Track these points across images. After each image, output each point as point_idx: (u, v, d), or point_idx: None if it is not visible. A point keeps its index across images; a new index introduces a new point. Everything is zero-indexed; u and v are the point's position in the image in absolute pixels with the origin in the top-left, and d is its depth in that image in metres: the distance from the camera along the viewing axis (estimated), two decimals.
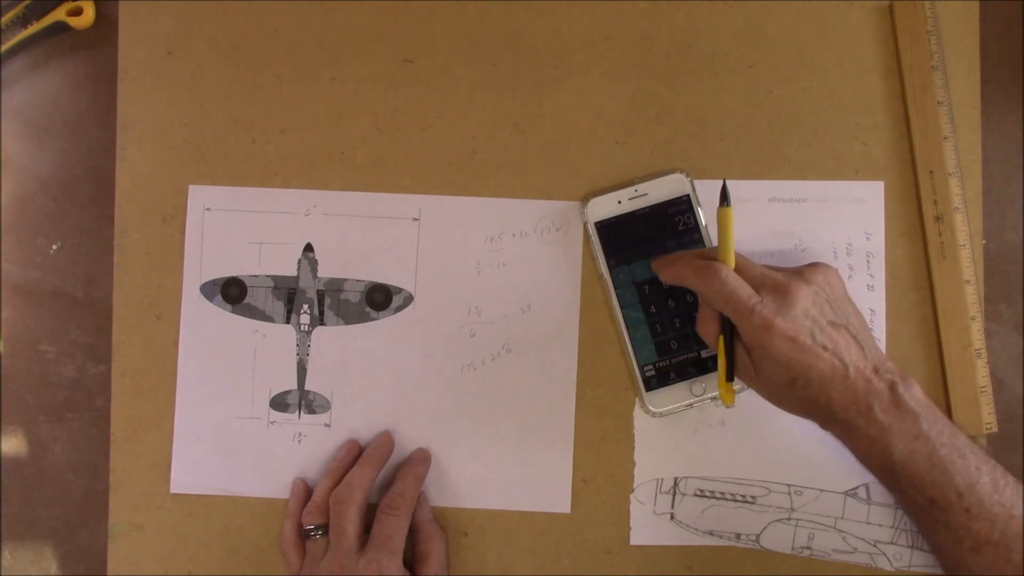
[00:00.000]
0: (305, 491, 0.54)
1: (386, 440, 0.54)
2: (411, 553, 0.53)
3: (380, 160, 0.56)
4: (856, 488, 0.54)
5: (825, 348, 0.46)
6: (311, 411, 0.55)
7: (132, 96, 0.56)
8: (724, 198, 0.50)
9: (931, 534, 0.47)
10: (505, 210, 0.56)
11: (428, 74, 0.56)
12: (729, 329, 0.48)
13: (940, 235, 0.55)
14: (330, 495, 0.52)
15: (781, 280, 0.47)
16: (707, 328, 0.50)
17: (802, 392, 0.46)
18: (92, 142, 0.57)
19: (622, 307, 0.54)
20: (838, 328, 0.47)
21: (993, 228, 0.56)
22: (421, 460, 0.54)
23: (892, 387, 0.46)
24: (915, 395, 0.46)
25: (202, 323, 0.55)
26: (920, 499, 0.46)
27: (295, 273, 0.56)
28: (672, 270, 0.51)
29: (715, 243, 0.54)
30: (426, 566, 0.52)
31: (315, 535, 0.52)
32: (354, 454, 0.54)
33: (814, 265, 0.49)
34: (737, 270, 0.48)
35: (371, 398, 0.55)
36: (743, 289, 0.47)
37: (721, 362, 0.49)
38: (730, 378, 0.49)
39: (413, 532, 0.53)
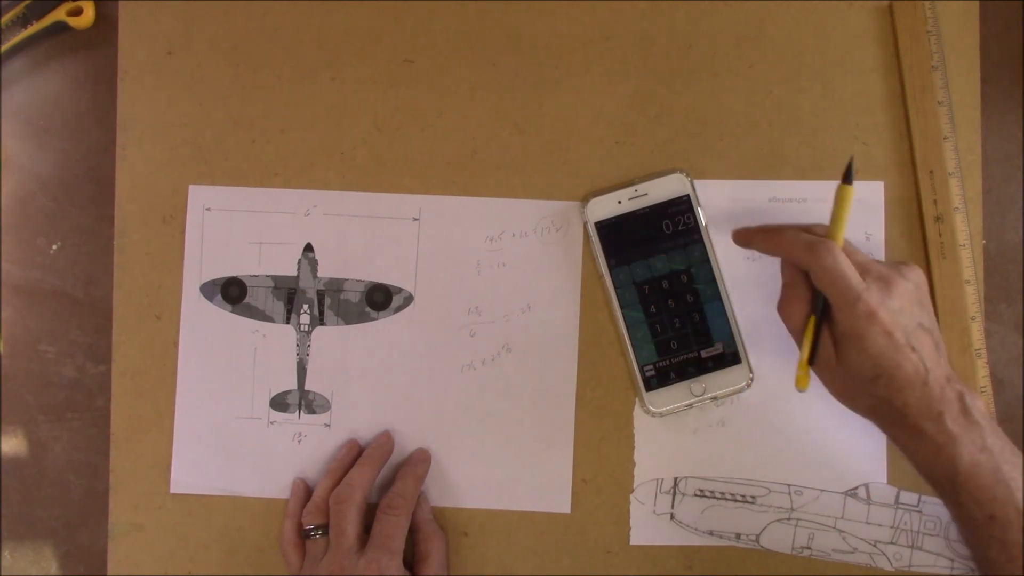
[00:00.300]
0: (305, 491, 0.54)
1: (386, 440, 0.54)
2: (411, 553, 0.53)
3: (380, 160, 0.56)
4: (856, 488, 0.54)
5: (914, 349, 0.46)
6: (311, 411, 0.55)
7: (132, 96, 0.56)
8: (848, 176, 0.48)
9: (983, 549, 0.46)
10: (505, 210, 0.56)
11: (428, 74, 0.56)
12: (821, 312, 0.47)
13: (940, 235, 0.55)
14: (330, 495, 0.52)
15: (885, 272, 0.47)
16: (793, 308, 0.48)
17: (882, 391, 0.46)
18: (92, 142, 0.57)
19: (622, 307, 0.54)
20: (926, 331, 0.47)
21: (993, 228, 0.56)
22: (421, 460, 0.54)
23: (961, 397, 0.46)
24: (980, 408, 0.46)
25: (202, 323, 0.55)
26: (979, 513, 0.45)
27: (295, 273, 0.56)
28: (775, 241, 0.49)
29: (715, 244, 0.54)
30: (426, 566, 0.52)
31: (315, 535, 0.52)
32: (354, 454, 0.54)
33: (908, 264, 0.49)
34: (843, 251, 0.47)
35: (371, 398, 0.55)
36: (853, 273, 0.46)
37: (807, 343, 0.48)
38: (813, 361, 0.48)
39: (413, 532, 0.53)
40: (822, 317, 0.48)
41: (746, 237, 0.51)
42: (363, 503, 0.51)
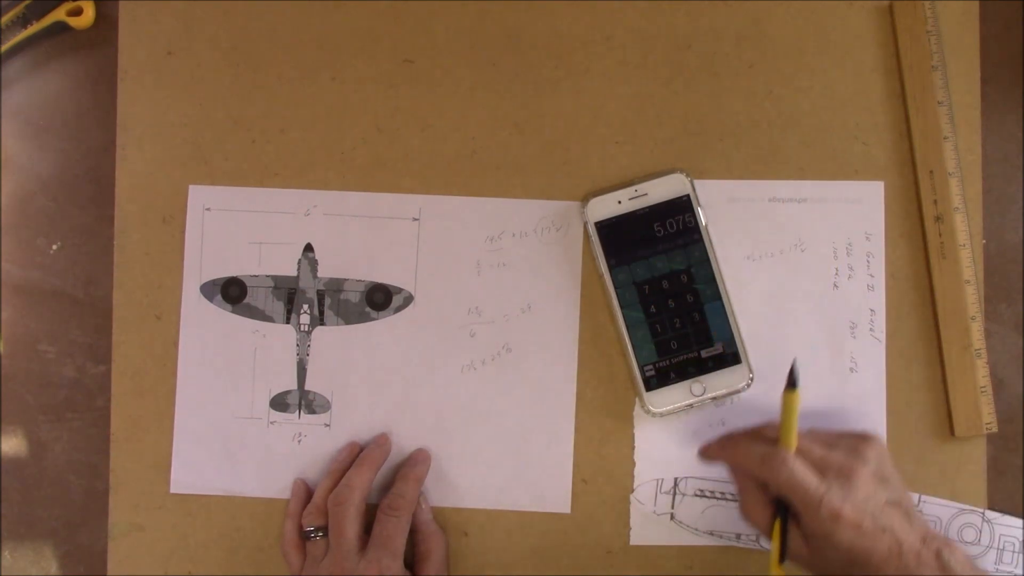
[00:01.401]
0: (306, 492, 0.54)
1: (384, 441, 0.54)
2: (411, 554, 0.53)
3: (380, 160, 0.56)
4: None
5: (884, 530, 0.46)
6: (311, 411, 0.55)
7: (132, 96, 0.56)
8: (792, 381, 0.48)
9: None
10: (505, 210, 0.56)
11: (428, 74, 0.56)
12: (784, 512, 0.48)
13: (940, 235, 0.55)
14: (329, 496, 0.52)
15: (843, 463, 0.47)
16: (758, 513, 0.48)
17: (859, 572, 0.46)
18: (92, 142, 0.57)
19: (622, 307, 0.54)
20: (893, 506, 0.47)
21: (993, 228, 0.56)
22: (421, 460, 0.54)
23: (938, 555, 0.46)
24: (958, 558, 0.46)
25: (202, 323, 0.55)
26: None
27: (295, 273, 0.56)
28: (728, 455, 0.50)
29: (715, 245, 0.54)
30: (426, 566, 0.52)
31: (315, 536, 0.52)
32: (354, 456, 0.54)
33: (866, 439, 0.49)
34: (797, 453, 0.48)
35: (371, 398, 0.55)
36: (810, 478, 0.46)
37: (776, 546, 0.47)
38: (783, 560, 0.48)
39: (413, 532, 0.53)
40: (786, 518, 0.48)
41: (707, 454, 0.52)
42: (362, 504, 0.51)
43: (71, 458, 0.56)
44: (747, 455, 0.49)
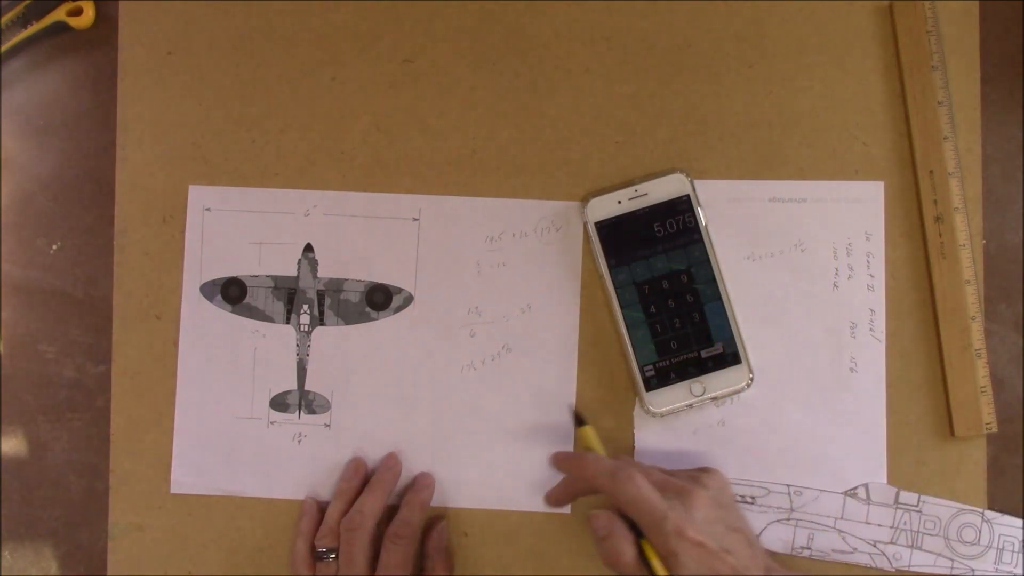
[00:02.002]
0: (317, 510, 0.54)
1: (392, 463, 0.54)
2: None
3: (380, 160, 0.56)
4: (856, 488, 0.54)
5: (728, 551, 0.47)
6: (311, 411, 0.55)
7: (132, 96, 0.56)
8: (579, 421, 0.52)
9: None
10: (505, 210, 0.56)
11: (428, 74, 0.56)
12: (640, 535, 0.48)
13: (940, 235, 0.55)
14: (342, 519, 0.52)
15: (683, 485, 0.49)
16: (624, 549, 0.48)
17: None
18: (92, 142, 0.57)
19: (622, 307, 0.54)
20: (735, 532, 0.48)
21: (993, 228, 0.56)
22: (424, 487, 0.54)
23: None
24: None
25: (202, 323, 0.56)
26: None
27: (295, 273, 0.56)
28: (579, 471, 0.51)
29: (715, 245, 0.54)
30: None
31: (328, 558, 0.52)
32: (361, 474, 0.54)
33: (706, 470, 0.51)
34: (640, 474, 0.48)
35: (371, 398, 0.55)
36: (656, 495, 0.48)
37: (656, 563, 0.47)
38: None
39: (424, 558, 0.53)
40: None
41: (558, 463, 0.52)
42: (373, 529, 0.52)
43: (71, 458, 0.56)
44: (596, 469, 0.49)
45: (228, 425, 0.55)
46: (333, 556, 0.52)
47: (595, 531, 0.49)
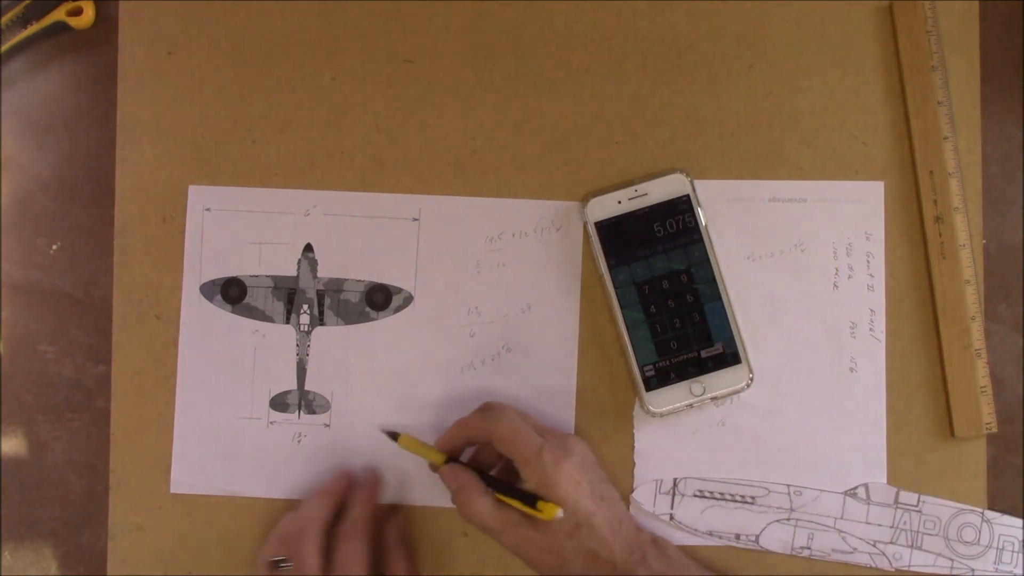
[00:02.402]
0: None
1: (341, 475, 0.54)
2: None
3: (380, 160, 0.56)
4: (856, 488, 0.54)
5: (602, 498, 0.48)
6: (311, 411, 0.55)
7: (132, 96, 0.56)
8: (392, 436, 0.53)
9: None
10: (505, 210, 0.56)
11: (428, 74, 0.56)
12: (497, 484, 0.49)
13: (940, 235, 0.55)
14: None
15: (558, 432, 0.51)
16: (477, 503, 0.48)
17: (586, 541, 0.47)
18: (92, 142, 0.57)
19: (622, 307, 0.54)
20: (608, 484, 0.50)
21: (993, 228, 0.56)
22: (370, 483, 0.54)
23: (655, 541, 0.50)
24: (674, 548, 0.51)
25: (202, 323, 0.55)
26: None
27: (295, 273, 0.56)
28: (459, 428, 0.51)
29: (715, 245, 0.54)
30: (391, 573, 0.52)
31: (284, 566, 0.50)
32: (341, 482, 0.53)
33: (571, 434, 0.53)
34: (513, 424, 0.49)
35: (371, 398, 0.55)
36: (530, 430, 0.49)
37: (515, 502, 0.48)
38: (532, 502, 0.47)
39: (383, 553, 0.53)
40: (508, 488, 0.49)
41: (444, 444, 0.52)
42: (320, 534, 0.50)
43: (71, 458, 0.56)
44: (469, 421, 0.51)
45: (228, 425, 0.55)
46: (291, 565, 0.50)
47: (448, 484, 0.50)
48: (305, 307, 0.56)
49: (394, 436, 0.53)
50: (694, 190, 0.54)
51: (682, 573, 0.49)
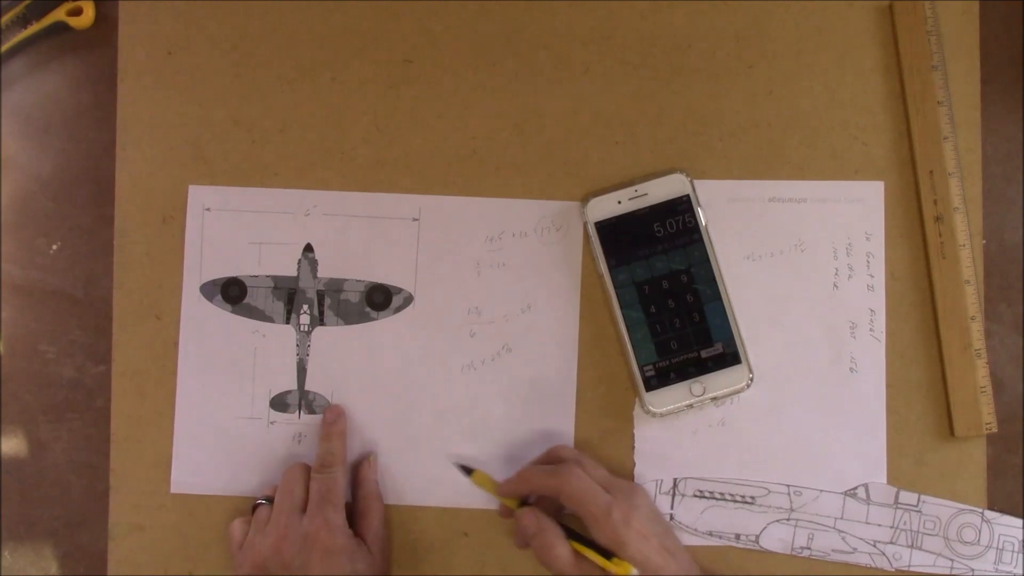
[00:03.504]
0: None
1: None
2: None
3: (380, 160, 0.56)
4: (855, 488, 0.55)
5: (670, 552, 0.48)
6: (311, 411, 0.55)
7: (132, 96, 0.56)
8: (466, 471, 0.53)
9: None
10: (505, 210, 0.56)
11: (428, 74, 0.56)
12: (573, 535, 0.49)
13: (940, 235, 0.55)
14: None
15: (623, 483, 0.51)
16: (557, 551, 0.49)
17: None
18: (92, 142, 0.57)
19: (622, 307, 0.54)
20: (672, 534, 0.51)
21: (993, 228, 0.56)
22: (335, 418, 0.54)
23: None
24: None
25: (202, 323, 0.55)
26: None
27: (295, 273, 0.56)
28: (525, 480, 0.51)
29: (715, 245, 0.54)
30: (364, 524, 0.53)
31: (262, 503, 0.53)
32: (299, 474, 0.54)
33: (634, 484, 0.53)
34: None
35: (371, 398, 0.55)
36: (597, 488, 0.49)
37: (592, 554, 0.48)
38: (609, 555, 0.48)
39: (355, 488, 0.54)
40: (583, 539, 0.49)
41: (507, 491, 0.52)
42: (304, 472, 0.53)
43: (71, 458, 0.56)
44: (538, 474, 0.51)
45: (228, 425, 0.55)
46: (266, 502, 0.53)
47: (525, 529, 0.50)
48: (305, 307, 0.56)
49: (468, 471, 0.53)
50: (694, 190, 0.54)
51: None
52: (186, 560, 0.55)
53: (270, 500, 0.53)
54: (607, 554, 0.48)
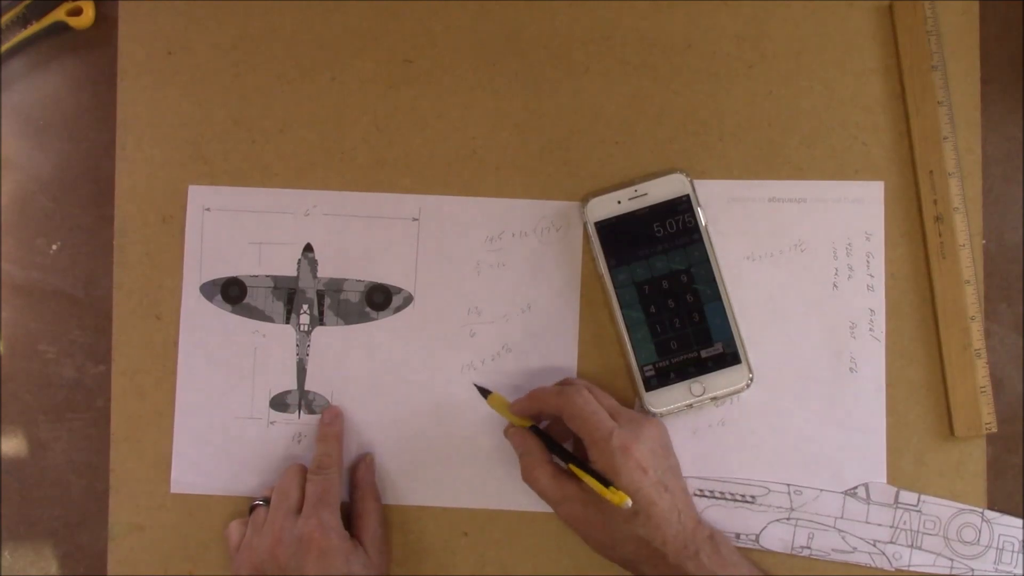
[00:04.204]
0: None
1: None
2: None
3: (380, 160, 0.56)
4: (856, 488, 0.55)
5: (666, 488, 0.48)
6: (311, 411, 0.55)
7: (132, 96, 0.56)
8: (483, 393, 0.54)
9: None
10: (505, 210, 0.56)
11: (428, 74, 0.56)
12: (571, 457, 0.49)
13: (940, 235, 0.55)
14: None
15: (634, 414, 0.51)
16: (537, 472, 0.50)
17: (641, 529, 0.48)
18: (92, 142, 0.57)
19: (622, 307, 0.54)
20: (675, 473, 0.50)
21: (993, 228, 0.56)
22: (332, 419, 0.54)
23: (711, 537, 0.49)
24: (730, 546, 0.50)
25: (202, 323, 0.55)
26: None
27: (295, 273, 0.56)
28: (533, 398, 0.51)
29: (715, 245, 0.54)
30: (362, 525, 0.53)
31: (259, 504, 0.53)
32: (295, 476, 0.54)
33: (648, 416, 0.52)
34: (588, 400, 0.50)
35: (371, 398, 0.55)
36: (602, 412, 0.49)
37: (589, 479, 0.48)
38: (608, 483, 0.48)
39: (353, 490, 0.54)
40: (579, 462, 0.49)
41: (516, 410, 0.52)
42: (300, 473, 0.53)
43: (71, 458, 0.56)
44: (546, 394, 0.51)
45: (228, 425, 0.55)
46: (263, 503, 0.53)
47: (514, 447, 0.51)
48: (305, 307, 0.56)
49: (485, 393, 0.54)
50: (694, 190, 0.54)
51: (733, 572, 0.49)
52: (186, 560, 0.55)
53: (267, 501, 0.53)
54: (607, 483, 0.47)
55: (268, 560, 0.49)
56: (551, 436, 0.52)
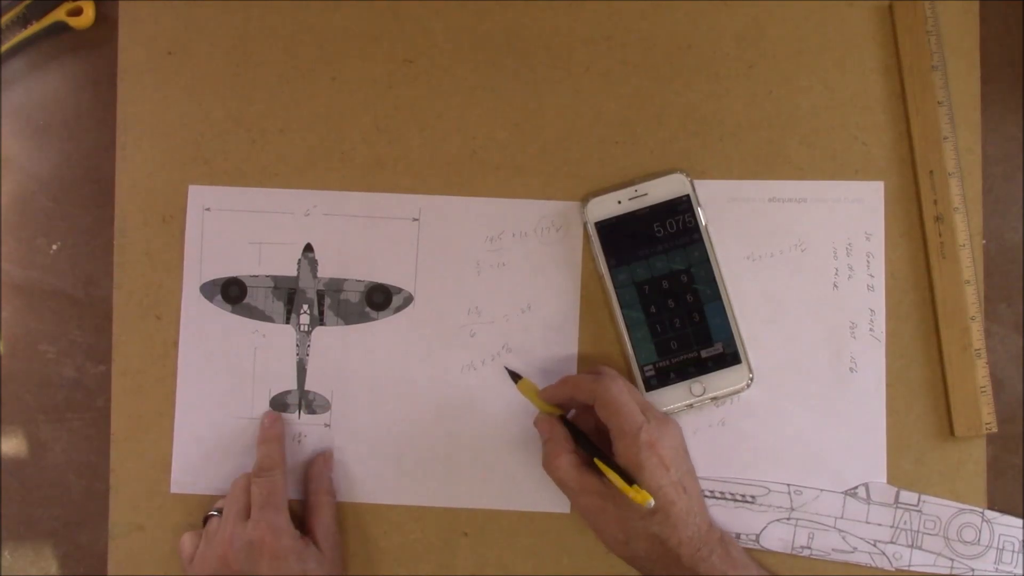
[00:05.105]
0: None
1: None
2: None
3: (380, 160, 0.56)
4: (856, 488, 0.55)
5: (684, 489, 0.48)
6: (311, 411, 0.55)
7: (132, 96, 0.56)
8: (514, 377, 0.54)
9: None
10: (505, 210, 0.56)
11: (428, 74, 0.56)
12: (597, 451, 0.49)
13: (940, 235, 0.55)
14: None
15: (660, 412, 0.51)
16: (560, 460, 0.50)
17: (657, 527, 0.48)
18: (92, 142, 0.57)
19: (622, 307, 0.54)
20: (693, 476, 0.50)
21: (993, 228, 0.56)
22: (271, 423, 0.54)
23: (722, 540, 0.50)
24: (739, 549, 0.51)
25: (202, 323, 0.55)
26: None
27: (295, 273, 0.56)
28: (566, 384, 0.51)
29: (715, 245, 0.54)
30: (315, 519, 0.53)
31: (213, 514, 0.53)
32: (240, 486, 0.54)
33: (671, 418, 0.52)
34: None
35: (371, 398, 0.55)
36: (634, 405, 0.49)
37: (613, 475, 0.48)
38: (632, 480, 0.47)
39: (308, 482, 0.54)
40: (604, 455, 0.49)
41: (547, 395, 0.52)
42: (247, 479, 0.53)
43: (71, 458, 0.56)
44: (581, 379, 0.51)
45: (228, 425, 0.55)
46: (217, 513, 0.53)
47: (540, 433, 0.51)
48: (305, 307, 0.56)
49: (516, 377, 0.54)
50: (694, 190, 0.54)
51: (744, 574, 0.49)
52: None
53: (219, 511, 0.53)
54: (629, 480, 0.47)
55: (220, 569, 0.49)
56: (578, 427, 0.51)
